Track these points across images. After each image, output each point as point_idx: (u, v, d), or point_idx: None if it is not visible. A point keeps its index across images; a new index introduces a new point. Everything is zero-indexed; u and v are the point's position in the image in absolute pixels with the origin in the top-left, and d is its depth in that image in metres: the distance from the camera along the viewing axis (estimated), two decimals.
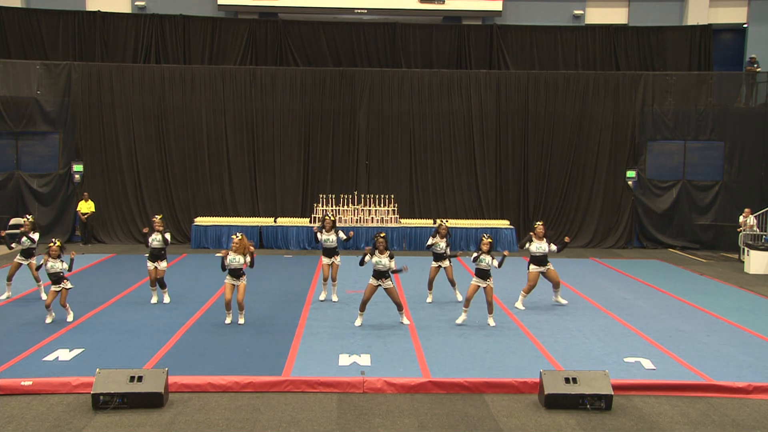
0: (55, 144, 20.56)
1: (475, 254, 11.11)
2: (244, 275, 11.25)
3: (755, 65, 21.83)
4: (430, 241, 12.93)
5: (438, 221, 13.52)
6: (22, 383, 8.47)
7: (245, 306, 11.34)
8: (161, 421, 7.63)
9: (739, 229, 19.50)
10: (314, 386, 8.58)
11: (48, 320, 11.13)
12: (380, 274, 10.94)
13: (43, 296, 12.52)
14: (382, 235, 11.07)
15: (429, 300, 13.12)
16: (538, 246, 12.50)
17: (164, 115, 20.73)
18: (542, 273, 12.61)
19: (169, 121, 20.75)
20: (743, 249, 18.65)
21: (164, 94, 20.71)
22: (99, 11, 22.19)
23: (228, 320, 11.27)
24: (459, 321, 11.38)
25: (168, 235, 12.80)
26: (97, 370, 8.18)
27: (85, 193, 20.17)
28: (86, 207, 20.04)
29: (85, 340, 10.25)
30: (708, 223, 21.07)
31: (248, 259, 11.19)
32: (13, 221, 19.91)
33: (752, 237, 18.82)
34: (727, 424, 7.85)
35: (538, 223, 12.99)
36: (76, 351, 9.74)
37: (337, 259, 12.96)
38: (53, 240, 11.35)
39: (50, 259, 11.05)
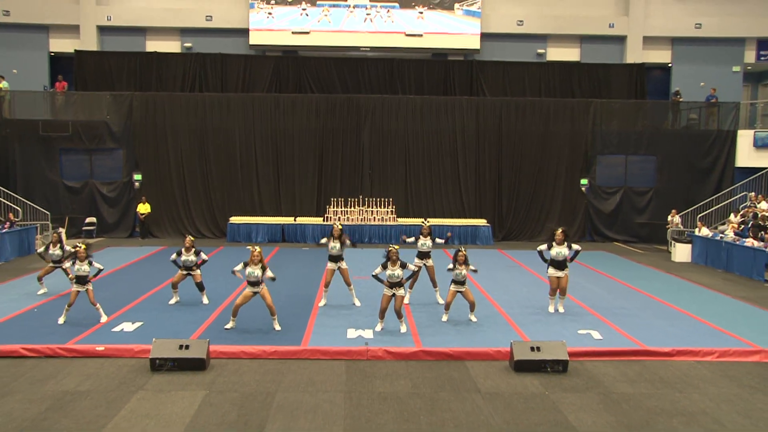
0: (120, 158, 20.55)
1: (450, 266, 10.00)
2: (262, 282, 9.56)
3: (678, 96, 22.16)
4: (420, 242, 11.07)
5: (421, 221, 11.63)
6: (97, 348, 8.60)
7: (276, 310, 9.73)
8: (204, 381, 7.68)
9: (667, 226, 19.60)
10: (327, 354, 8.60)
11: (61, 321, 9.78)
12: (394, 285, 9.51)
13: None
14: (396, 247, 9.57)
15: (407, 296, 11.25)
16: (558, 251, 10.71)
17: (205, 134, 20.70)
18: (559, 278, 10.77)
19: (209, 139, 20.71)
20: (671, 242, 18.74)
21: (205, 117, 20.67)
22: (155, 51, 22.34)
23: (229, 325, 9.59)
24: (444, 319, 10.26)
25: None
26: (154, 339, 8.26)
27: (143, 197, 20.17)
28: (144, 208, 20.06)
29: (144, 316, 10.32)
30: (644, 222, 21.06)
31: (267, 273, 9.39)
32: (88, 220, 20.06)
33: (677, 233, 18.88)
34: (657, 381, 7.95)
35: (558, 230, 10.87)
36: (137, 324, 9.83)
37: (344, 264, 11.07)
38: (77, 244, 9.94)
39: (78, 262, 9.75)
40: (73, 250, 10.20)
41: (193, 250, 11.16)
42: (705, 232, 17.52)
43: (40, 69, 22.64)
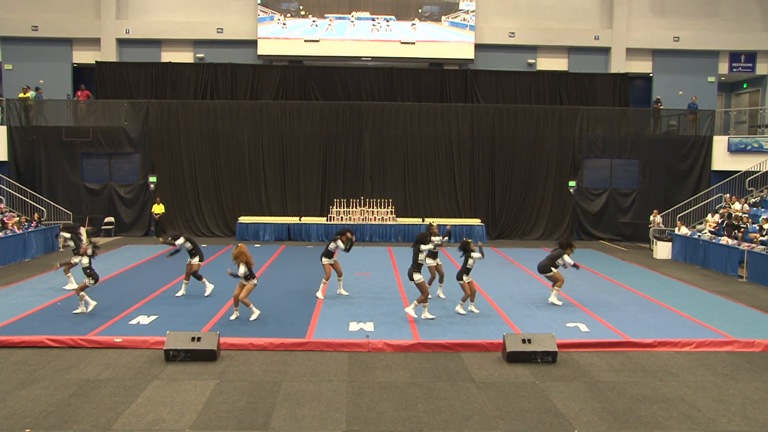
0: (137, 162, 20.56)
1: (466, 260, 9.93)
2: (252, 278, 9.55)
3: (659, 104, 22.16)
4: (436, 243, 10.81)
5: (428, 221, 11.84)
6: (115, 340, 8.60)
7: (246, 304, 9.61)
8: (215, 371, 7.67)
9: (649, 226, 19.60)
10: (330, 346, 8.58)
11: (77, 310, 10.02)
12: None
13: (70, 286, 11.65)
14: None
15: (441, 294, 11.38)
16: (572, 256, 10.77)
17: (216, 139, 20.69)
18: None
19: (219, 143, 20.70)
20: (652, 240, 18.72)
21: (216, 122, 20.67)
22: (170, 62, 22.29)
23: (233, 316, 9.72)
24: (462, 310, 10.20)
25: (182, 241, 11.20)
26: (168, 331, 8.24)
27: (158, 198, 20.17)
28: (158, 209, 20.04)
29: (158, 309, 10.31)
30: (628, 221, 21.07)
31: (242, 270, 9.34)
32: (107, 219, 20.08)
33: (658, 231, 18.87)
34: (639, 370, 7.94)
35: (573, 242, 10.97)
36: (152, 317, 9.82)
37: (335, 258, 11.40)
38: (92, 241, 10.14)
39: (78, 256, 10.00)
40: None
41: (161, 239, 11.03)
42: (684, 231, 17.51)
43: (64, 79, 22.65)
